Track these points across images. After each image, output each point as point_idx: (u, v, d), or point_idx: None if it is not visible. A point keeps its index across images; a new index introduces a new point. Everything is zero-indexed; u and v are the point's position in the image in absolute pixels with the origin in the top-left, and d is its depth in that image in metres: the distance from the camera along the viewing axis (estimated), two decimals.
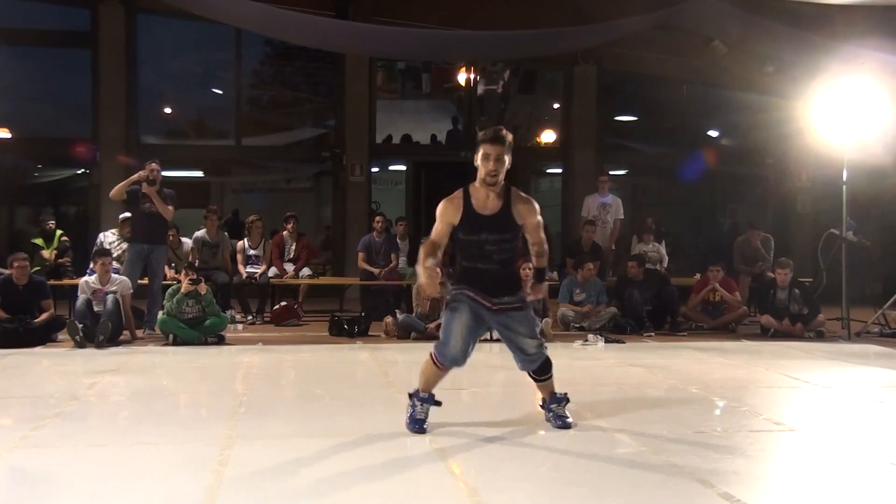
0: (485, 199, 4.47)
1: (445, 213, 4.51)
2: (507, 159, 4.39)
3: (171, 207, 9.06)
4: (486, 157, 4.37)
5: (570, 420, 4.74)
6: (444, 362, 4.55)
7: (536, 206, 4.56)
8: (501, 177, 4.41)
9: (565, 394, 4.79)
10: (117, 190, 8.99)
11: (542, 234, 4.67)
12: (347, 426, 4.79)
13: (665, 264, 11.41)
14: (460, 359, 4.55)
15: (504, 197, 4.47)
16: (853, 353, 8.08)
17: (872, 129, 9.12)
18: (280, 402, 5.77)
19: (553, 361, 4.48)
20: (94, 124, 13.45)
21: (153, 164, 9.04)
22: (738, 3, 10.79)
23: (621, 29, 11.63)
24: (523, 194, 4.57)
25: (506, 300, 4.51)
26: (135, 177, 8.91)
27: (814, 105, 9.47)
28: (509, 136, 4.44)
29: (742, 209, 15.72)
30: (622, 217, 11.54)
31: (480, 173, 4.42)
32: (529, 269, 9.10)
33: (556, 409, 4.77)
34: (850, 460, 4.20)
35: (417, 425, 4.58)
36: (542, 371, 4.68)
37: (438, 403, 4.68)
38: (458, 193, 4.53)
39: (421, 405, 4.63)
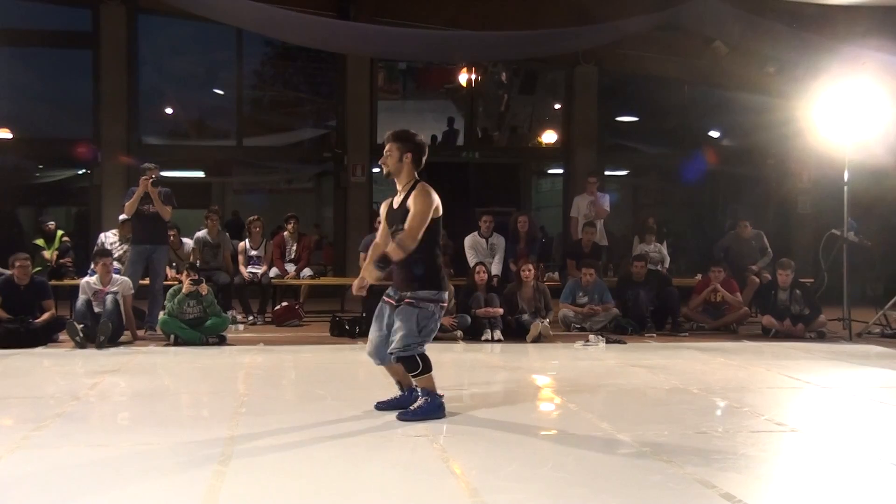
0: (397, 195, 4.96)
1: (382, 211, 5.15)
2: (400, 154, 4.87)
3: (168, 207, 9.06)
4: (384, 154, 4.95)
5: (414, 412, 4.88)
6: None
7: (427, 199, 4.77)
8: (393, 167, 4.90)
9: (429, 391, 4.92)
10: (129, 207, 8.99)
11: (413, 225, 4.73)
12: (348, 426, 4.79)
13: (667, 265, 11.40)
14: (368, 350, 5.07)
15: (407, 192, 4.87)
16: (854, 353, 8.07)
17: (873, 129, 9.12)
18: (281, 403, 5.77)
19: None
20: (95, 125, 13.47)
21: (152, 168, 9.05)
22: (739, 3, 10.80)
23: (622, 29, 11.64)
24: (422, 187, 4.85)
25: (405, 295, 4.87)
26: (141, 190, 8.90)
27: (815, 105, 9.47)
28: (407, 135, 4.93)
29: (743, 210, 15.71)
30: (608, 209, 11.46)
31: None
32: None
33: (400, 397, 5.11)
34: (851, 461, 4.20)
35: (377, 403, 5.17)
36: (406, 367, 4.91)
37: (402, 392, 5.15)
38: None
39: (398, 391, 5.19)
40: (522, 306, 9.17)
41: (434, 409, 4.90)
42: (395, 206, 4.95)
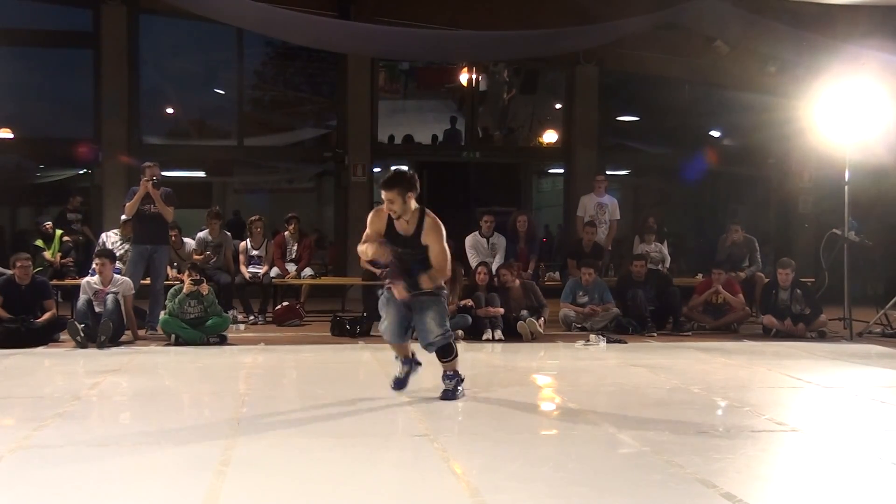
0: (404, 224, 5.33)
1: (373, 223, 5.41)
2: (403, 197, 5.22)
3: (171, 208, 9.07)
4: (385, 200, 5.26)
5: (452, 392, 5.48)
6: (383, 336, 5.69)
7: (441, 232, 5.33)
8: (400, 210, 5.25)
9: (457, 373, 5.54)
10: (129, 208, 9.01)
11: (442, 260, 5.31)
12: (349, 426, 4.80)
13: (667, 264, 11.39)
14: (390, 335, 5.58)
15: (417, 222, 5.32)
16: (855, 353, 8.07)
17: (874, 129, 9.12)
18: (282, 403, 5.77)
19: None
20: (96, 124, 13.47)
21: (151, 166, 9.06)
22: (739, 3, 10.80)
23: (623, 29, 11.63)
24: (433, 221, 5.33)
25: (424, 289, 5.36)
26: (141, 191, 8.92)
27: (815, 105, 9.47)
28: (404, 178, 5.29)
29: (744, 209, 15.72)
30: (619, 218, 11.50)
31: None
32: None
33: (446, 382, 5.53)
34: (851, 461, 4.20)
35: (395, 383, 5.72)
36: (442, 354, 5.49)
37: (417, 363, 5.80)
38: (385, 208, 5.32)
39: (400, 366, 5.75)
40: (513, 305, 9.18)
41: (462, 384, 5.56)
42: (405, 233, 5.34)
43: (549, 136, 15.78)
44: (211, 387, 6.38)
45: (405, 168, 5.51)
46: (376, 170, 14.37)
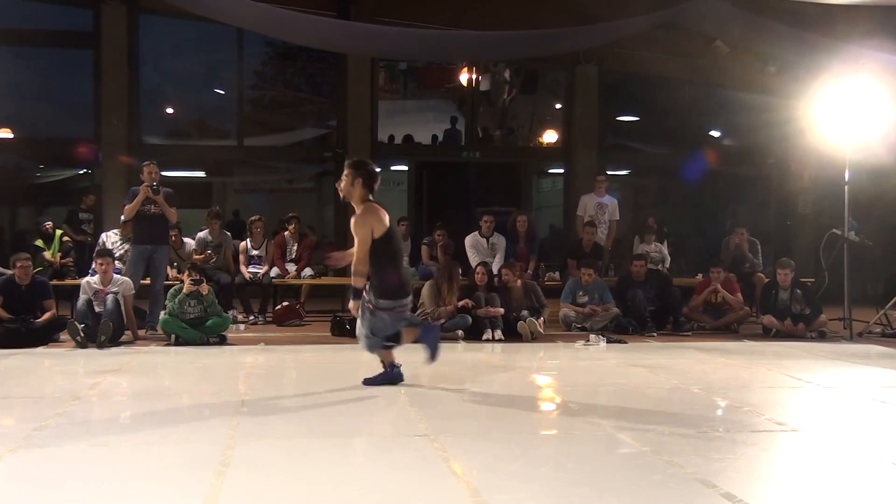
0: None
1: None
2: (352, 179, 5.57)
3: (174, 209, 9.08)
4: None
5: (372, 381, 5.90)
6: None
7: (363, 224, 5.48)
8: (345, 190, 5.60)
9: (398, 368, 5.96)
10: (129, 211, 9.01)
11: (357, 258, 5.47)
12: (349, 426, 4.80)
13: (667, 264, 11.39)
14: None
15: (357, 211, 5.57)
16: (855, 353, 8.07)
17: (874, 128, 9.12)
18: (282, 403, 5.77)
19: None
20: (96, 124, 13.47)
21: (149, 164, 9.06)
22: (739, 3, 10.79)
23: (623, 29, 11.63)
24: (360, 211, 5.54)
25: (367, 298, 5.60)
26: (141, 195, 8.91)
27: (815, 105, 9.47)
28: (364, 166, 5.66)
29: (743, 210, 15.72)
30: (618, 219, 11.50)
31: None
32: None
33: (383, 374, 5.92)
34: (851, 461, 4.20)
35: (365, 378, 5.97)
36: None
37: (393, 380, 5.93)
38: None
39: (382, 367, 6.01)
40: (513, 306, 9.18)
41: (433, 332, 6.00)
42: None
43: (549, 136, 15.78)
44: (211, 387, 6.38)
45: (371, 163, 5.80)
46: (377, 170, 14.34)
